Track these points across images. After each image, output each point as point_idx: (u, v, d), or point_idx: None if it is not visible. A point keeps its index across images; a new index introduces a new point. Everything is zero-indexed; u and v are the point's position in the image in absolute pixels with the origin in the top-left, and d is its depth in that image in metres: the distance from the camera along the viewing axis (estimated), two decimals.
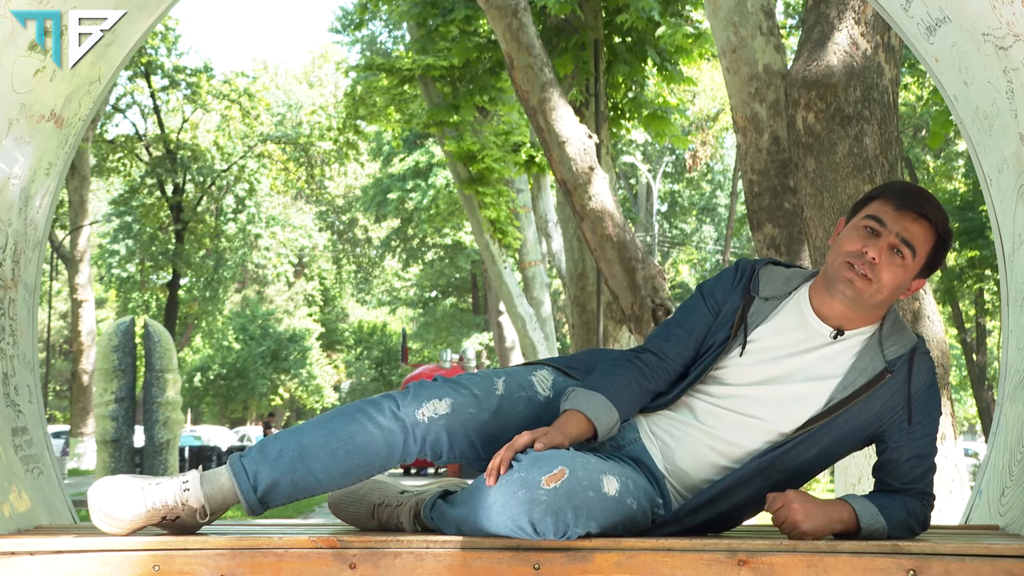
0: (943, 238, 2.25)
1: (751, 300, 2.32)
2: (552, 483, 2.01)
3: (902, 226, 2.20)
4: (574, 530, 2.03)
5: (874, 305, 2.24)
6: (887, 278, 2.20)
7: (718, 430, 2.27)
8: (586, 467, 2.08)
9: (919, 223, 2.22)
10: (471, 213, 15.71)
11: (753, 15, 6.08)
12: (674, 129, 12.53)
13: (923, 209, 2.22)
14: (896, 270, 2.21)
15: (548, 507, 2.00)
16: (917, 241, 2.21)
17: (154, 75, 29.40)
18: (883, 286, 2.21)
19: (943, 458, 4.84)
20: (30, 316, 2.82)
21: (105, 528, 2.12)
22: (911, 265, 2.22)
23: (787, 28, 17.29)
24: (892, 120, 5.22)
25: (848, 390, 2.23)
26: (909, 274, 2.23)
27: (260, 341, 43.26)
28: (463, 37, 13.17)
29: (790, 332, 2.29)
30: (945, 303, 22.56)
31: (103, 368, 12.66)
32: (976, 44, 2.48)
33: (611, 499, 2.08)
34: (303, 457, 2.18)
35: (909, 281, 2.25)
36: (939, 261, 2.28)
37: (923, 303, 4.97)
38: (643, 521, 2.20)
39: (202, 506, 2.15)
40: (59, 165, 2.86)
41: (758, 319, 2.31)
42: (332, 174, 40.51)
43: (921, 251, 2.22)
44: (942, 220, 2.25)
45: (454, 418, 2.24)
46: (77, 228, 25.61)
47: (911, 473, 2.27)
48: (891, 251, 2.21)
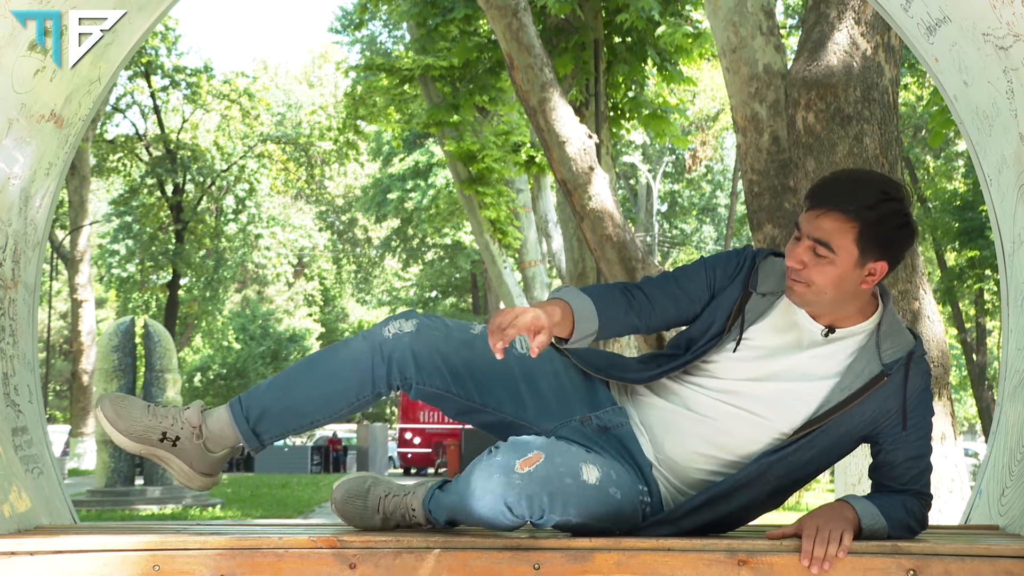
0: (865, 219, 2.13)
1: (749, 295, 2.30)
2: (526, 467, 2.05)
3: (812, 227, 2.15)
4: (551, 515, 2.05)
5: (838, 303, 2.20)
6: (819, 279, 2.15)
7: (716, 422, 2.26)
8: (564, 454, 2.10)
9: (826, 217, 2.14)
10: (471, 213, 15.71)
11: (753, 15, 6.08)
12: (674, 129, 12.53)
13: (828, 203, 2.14)
14: (824, 269, 2.15)
15: (522, 490, 2.03)
16: (829, 236, 2.14)
17: (154, 75, 29.42)
18: (821, 287, 2.16)
19: (943, 458, 4.84)
20: (30, 316, 2.82)
21: (114, 433, 2.25)
22: (840, 258, 2.14)
23: (787, 28, 17.29)
24: (892, 120, 5.22)
25: (845, 392, 2.22)
26: (846, 266, 2.15)
27: (260, 341, 43.26)
28: (463, 37, 13.17)
29: (784, 331, 2.28)
30: (945, 303, 22.55)
31: (103, 368, 12.65)
32: (976, 44, 2.48)
33: (591, 487, 2.09)
34: (287, 387, 2.33)
35: (854, 270, 2.16)
36: (887, 238, 2.16)
37: (923, 303, 4.97)
38: (631, 513, 2.19)
39: (201, 424, 2.30)
40: (59, 165, 2.86)
41: (754, 316, 2.29)
42: (332, 174, 40.51)
43: (840, 243, 2.13)
44: (860, 201, 2.14)
45: (419, 338, 2.29)
46: (77, 228, 25.61)
47: (907, 474, 2.27)
48: (811, 253, 2.16)
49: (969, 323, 24.65)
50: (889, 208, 2.15)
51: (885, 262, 2.18)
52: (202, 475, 2.32)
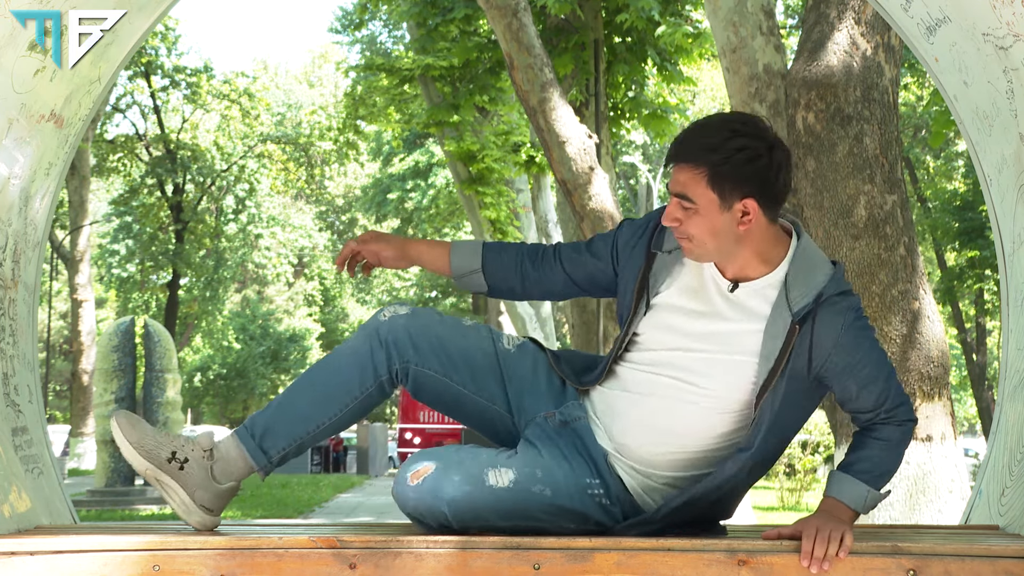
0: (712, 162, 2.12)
1: (653, 257, 2.30)
2: (415, 480, 2.16)
3: (672, 184, 2.18)
4: (455, 524, 2.14)
5: (728, 250, 2.19)
6: (695, 231, 2.16)
7: (653, 397, 2.24)
8: (463, 463, 2.17)
9: (679, 171, 2.16)
10: (471, 213, 15.70)
11: (753, 15, 6.08)
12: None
13: (677, 157, 2.17)
14: (694, 220, 2.16)
15: (417, 503, 2.15)
16: (685, 187, 2.15)
17: (154, 75, 29.40)
18: (699, 237, 2.17)
19: (943, 458, 4.84)
20: (30, 316, 2.82)
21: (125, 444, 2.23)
22: (702, 206, 2.14)
23: (787, 28, 17.29)
24: (892, 120, 5.22)
25: (770, 361, 2.18)
26: (712, 212, 2.14)
27: (260, 341, 43.25)
28: (463, 37, 13.16)
29: (697, 290, 2.26)
30: (945, 303, 22.55)
31: (103, 368, 12.65)
32: (976, 44, 2.48)
33: (503, 490, 2.14)
34: (289, 396, 2.31)
35: (722, 214, 2.15)
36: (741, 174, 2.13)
37: (923, 303, 4.97)
38: (577, 506, 2.19)
39: (211, 448, 2.25)
40: (59, 165, 2.86)
41: (663, 277, 2.29)
42: (332, 174, 40.50)
43: (696, 192, 2.14)
44: (704, 145, 2.14)
45: (414, 320, 2.31)
46: (77, 228, 25.61)
47: (869, 400, 2.23)
48: (680, 209, 2.18)
49: (969, 323, 24.64)
50: (736, 144, 2.13)
51: (752, 199, 2.15)
52: (203, 509, 2.21)
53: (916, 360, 4.88)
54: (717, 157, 2.12)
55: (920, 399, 4.86)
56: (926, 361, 4.89)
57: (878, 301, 4.94)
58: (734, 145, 2.13)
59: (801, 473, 15.65)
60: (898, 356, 4.88)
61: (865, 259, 4.98)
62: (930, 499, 4.78)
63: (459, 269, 2.41)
